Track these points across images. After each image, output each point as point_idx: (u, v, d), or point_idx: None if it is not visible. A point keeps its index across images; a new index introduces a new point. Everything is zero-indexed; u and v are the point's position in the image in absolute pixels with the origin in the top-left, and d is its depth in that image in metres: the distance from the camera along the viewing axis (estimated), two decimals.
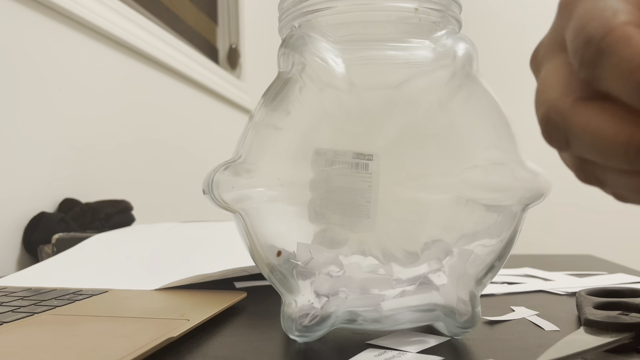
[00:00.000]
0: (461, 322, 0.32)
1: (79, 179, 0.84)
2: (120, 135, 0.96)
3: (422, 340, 0.32)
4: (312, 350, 0.31)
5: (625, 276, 0.56)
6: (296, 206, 0.32)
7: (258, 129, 0.33)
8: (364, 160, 0.31)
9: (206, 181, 0.32)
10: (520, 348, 0.31)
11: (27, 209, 0.72)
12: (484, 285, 0.33)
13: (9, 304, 0.40)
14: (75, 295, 0.44)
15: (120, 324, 0.34)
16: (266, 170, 0.31)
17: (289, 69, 0.32)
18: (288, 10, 0.34)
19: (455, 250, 0.32)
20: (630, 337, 0.29)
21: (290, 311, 0.32)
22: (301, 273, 0.32)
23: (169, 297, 0.43)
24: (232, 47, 1.63)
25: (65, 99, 0.81)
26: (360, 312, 0.32)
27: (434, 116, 0.32)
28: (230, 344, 0.33)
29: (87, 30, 0.88)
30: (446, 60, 0.32)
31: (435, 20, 0.33)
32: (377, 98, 0.32)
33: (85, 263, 0.56)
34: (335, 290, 0.31)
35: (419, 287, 0.32)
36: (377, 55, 0.33)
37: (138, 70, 1.03)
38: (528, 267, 0.66)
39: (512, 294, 0.48)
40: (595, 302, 0.35)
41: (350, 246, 0.32)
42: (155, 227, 0.67)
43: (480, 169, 0.31)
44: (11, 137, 0.70)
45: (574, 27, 0.17)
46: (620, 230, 2.07)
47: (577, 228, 2.10)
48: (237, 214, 0.32)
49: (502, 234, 0.32)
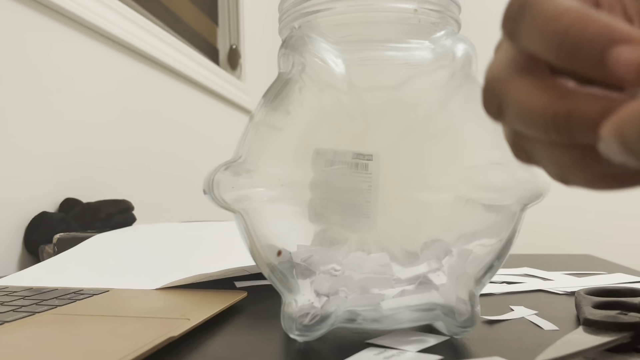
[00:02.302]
0: (460, 322, 0.32)
1: (80, 178, 0.84)
2: (121, 136, 0.96)
3: (421, 339, 0.32)
4: (312, 350, 0.32)
5: (624, 276, 0.56)
6: (296, 206, 0.32)
7: (258, 129, 0.33)
8: (364, 161, 0.31)
9: (207, 181, 0.32)
10: (519, 347, 0.31)
11: (28, 208, 0.73)
12: (483, 285, 0.33)
13: (10, 304, 0.40)
14: (76, 294, 0.44)
15: (121, 323, 0.34)
16: (266, 170, 0.31)
17: (289, 70, 0.33)
18: (288, 11, 0.35)
19: (454, 249, 0.32)
20: (629, 337, 0.29)
21: (291, 311, 0.32)
22: (301, 272, 0.32)
23: (170, 297, 0.43)
24: (232, 47, 1.63)
25: (66, 99, 0.81)
26: (360, 311, 0.32)
27: (434, 116, 0.32)
28: (230, 343, 0.33)
29: (87, 30, 0.88)
30: (445, 60, 0.32)
31: (435, 21, 0.33)
32: (376, 98, 0.32)
33: (86, 263, 0.56)
34: (335, 290, 0.32)
35: (419, 286, 0.32)
36: (377, 56, 0.33)
37: (138, 71, 1.03)
38: (527, 266, 0.66)
39: (511, 293, 0.48)
40: (594, 302, 0.35)
41: (350, 246, 0.32)
42: (156, 227, 0.67)
43: (479, 169, 0.31)
44: (12, 137, 0.71)
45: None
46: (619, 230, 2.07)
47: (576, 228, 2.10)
48: (238, 213, 0.32)
49: (501, 234, 0.32)
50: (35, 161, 0.75)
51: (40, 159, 0.75)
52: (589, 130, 0.15)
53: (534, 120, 0.16)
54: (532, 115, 0.16)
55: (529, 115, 0.16)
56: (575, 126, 0.15)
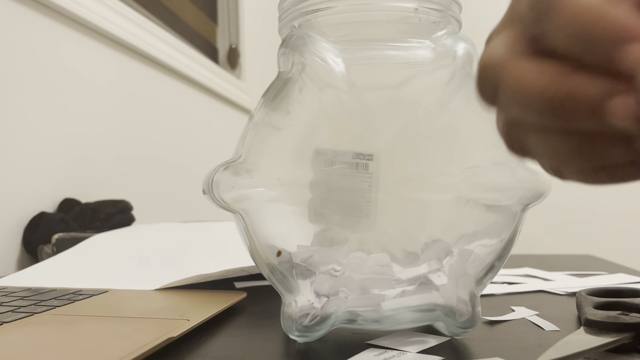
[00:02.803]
0: (461, 322, 0.32)
1: (79, 179, 0.84)
2: (121, 136, 0.96)
3: (422, 340, 0.32)
4: (312, 351, 0.31)
5: (626, 276, 0.56)
6: (296, 206, 0.32)
7: (258, 128, 0.33)
8: (364, 160, 0.31)
9: (206, 181, 0.32)
10: (520, 348, 0.31)
11: (27, 209, 0.72)
12: (484, 285, 0.33)
13: (9, 304, 0.40)
14: (75, 295, 0.44)
15: (120, 324, 0.34)
16: (266, 170, 0.31)
17: (288, 69, 0.32)
18: (288, 10, 0.34)
19: (455, 250, 0.32)
20: (630, 337, 0.29)
21: (290, 311, 0.32)
22: (301, 273, 0.32)
23: (169, 297, 0.43)
24: (232, 47, 1.63)
25: (65, 99, 0.81)
26: (360, 312, 0.32)
27: (434, 116, 0.32)
28: (230, 344, 0.33)
29: (87, 30, 0.88)
30: (446, 60, 0.32)
31: (435, 20, 0.33)
32: (377, 98, 0.32)
33: (85, 263, 0.56)
34: (335, 290, 0.31)
35: (419, 287, 0.32)
36: (377, 55, 0.33)
37: (138, 71, 1.03)
38: (528, 267, 0.65)
39: (512, 294, 0.48)
40: (595, 302, 0.35)
41: (351, 246, 0.32)
42: (155, 227, 0.67)
43: (480, 169, 0.31)
44: (11, 137, 0.70)
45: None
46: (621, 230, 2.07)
47: (577, 228, 2.10)
48: (237, 214, 0.32)
49: (502, 234, 0.32)
50: (34, 161, 0.75)
51: (39, 159, 0.75)
52: (589, 113, 0.15)
53: (531, 101, 0.16)
54: (529, 95, 0.16)
55: (526, 95, 0.16)
56: (574, 108, 0.15)
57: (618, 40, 0.14)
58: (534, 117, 0.16)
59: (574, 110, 0.15)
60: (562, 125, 0.16)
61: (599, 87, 0.15)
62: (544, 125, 0.16)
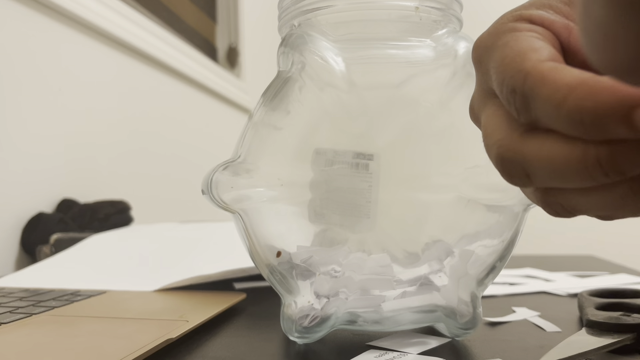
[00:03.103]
0: (462, 323, 0.32)
1: (77, 179, 0.83)
2: (119, 136, 0.96)
3: (422, 341, 0.32)
4: (312, 352, 0.31)
5: (628, 277, 0.56)
6: (296, 206, 0.31)
7: (257, 128, 0.32)
8: (364, 160, 0.31)
9: (205, 181, 0.32)
10: (521, 349, 0.31)
11: (25, 209, 0.72)
12: (485, 286, 0.33)
13: (7, 305, 0.40)
14: (74, 296, 0.44)
15: (119, 325, 0.34)
16: (266, 170, 0.31)
17: (288, 68, 0.32)
18: (288, 8, 0.34)
19: (456, 250, 0.32)
20: (632, 338, 0.28)
21: (290, 312, 0.32)
22: (301, 273, 0.32)
23: (168, 298, 0.43)
24: (231, 46, 1.63)
25: (64, 99, 0.81)
26: (360, 313, 0.32)
27: (435, 116, 0.31)
28: (229, 345, 0.33)
29: (86, 29, 0.88)
30: (447, 59, 0.32)
31: (436, 18, 0.33)
32: (377, 97, 0.32)
33: (84, 264, 0.56)
34: (335, 291, 0.31)
35: (420, 288, 0.32)
36: (378, 54, 0.32)
37: (137, 70, 1.03)
38: (529, 267, 0.65)
39: (514, 294, 0.48)
40: (597, 303, 0.35)
41: (351, 247, 0.31)
42: (154, 228, 0.66)
43: (481, 169, 0.31)
44: (10, 137, 0.70)
45: (496, 80, 0.18)
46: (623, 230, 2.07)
47: (579, 228, 2.10)
48: (237, 214, 0.32)
49: (503, 235, 0.32)
50: (33, 161, 0.74)
51: (37, 159, 0.75)
52: (631, 167, 0.15)
53: (573, 170, 0.16)
54: (568, 165, 0.16)
55: (565, 167, 0.16)
56: (623, 163, 0.15)
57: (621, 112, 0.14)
58: (574, 183, 0.16)
59: (622, 164, 0.15)
60: (612, 179, 0.16)
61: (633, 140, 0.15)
62: (590, 185, 0.16)
